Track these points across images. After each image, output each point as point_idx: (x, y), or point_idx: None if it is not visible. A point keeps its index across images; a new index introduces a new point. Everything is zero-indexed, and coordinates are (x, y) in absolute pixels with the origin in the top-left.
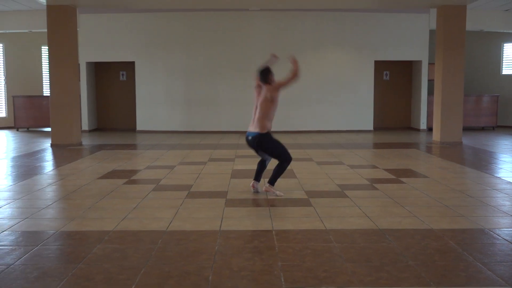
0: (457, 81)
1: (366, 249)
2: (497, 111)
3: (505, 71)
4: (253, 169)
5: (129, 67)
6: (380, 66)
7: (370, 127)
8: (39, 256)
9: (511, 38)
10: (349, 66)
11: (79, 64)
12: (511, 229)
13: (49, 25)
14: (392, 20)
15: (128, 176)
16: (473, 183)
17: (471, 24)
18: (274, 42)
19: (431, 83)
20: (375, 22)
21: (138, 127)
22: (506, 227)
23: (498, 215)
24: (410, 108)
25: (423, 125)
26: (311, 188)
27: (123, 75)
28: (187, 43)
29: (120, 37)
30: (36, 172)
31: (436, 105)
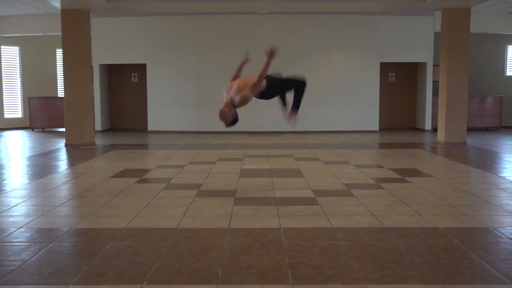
0: (461, 82)
1: (372, 247)
2: (501, 112)
3: (509, 72)
4: (261, 169)
5: (141, 69)
6: (385, 67)
7: (376, 128)
8: (53, 252)
9: None
10: (356, 68)
11: (92, 66)
12: None
13: (64, 28)
14: (397, 23)
15: (139, 175)
16: (477, 182)
17: (476, 26)
18: (282, 45)
19: (435, 84)
20: (381, 25)
21: (150, 128)
22: (510, 225)
23: (502, 214)
24: (415, 109)
25: (428, 126)
26: (318, 187)
27: (135, 77)
28: (197, 45)
29: (132, 40)
30: (50, 171)
31: (441, 106)
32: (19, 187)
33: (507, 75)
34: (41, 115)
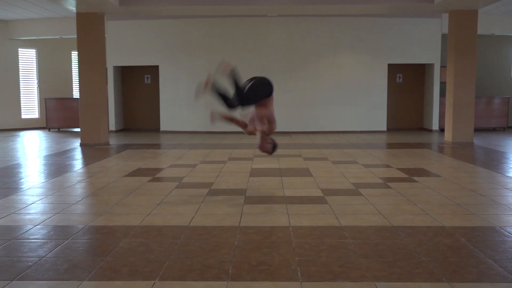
0: (468, 83)
1: (379, 245)
2: (508, 112)
3: None
4: (271, 168)
5: (154, 70)
6: (393, 69)
7: (384, 128)
8: (69, 249)
9: None
10: (364, 69)
11: (106, 68)
12: None
13: (79, 31)
14: (405, 25)
15: (152, 174)
16: (484, 182)
17: (483, 28)
18: (291, 47)
19: (443, 85)
20: (389, 27)
21: (162, 128)
22: None
23: (509, 213)
24: (422, 109)
25: (435, 126)
26: (326, 186)
27: (147, 78)
28: (208, 47)
29: (145, 42)
30: (66, 170)
31: (448, 106)
32: (35, 185)
33: None
34: (57, 115)
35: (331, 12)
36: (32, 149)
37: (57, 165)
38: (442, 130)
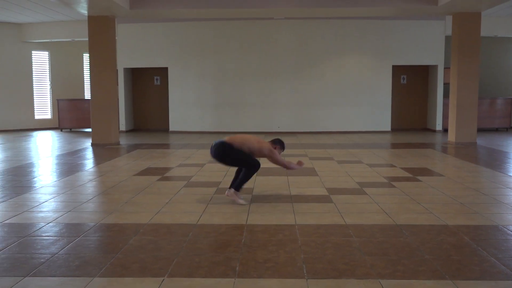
0: (471, 84)
1: (384, 243)
2: (510, 113)
3: None
4: (277, 167)
5: (163, 72)
6: (397, 70)
7: (388, 128)
8: (80, 246)
9: None
10: (369, 70)
11: (117, 70)
12: None
13: (90, 34)
14: (409, 27)
15: (161, 173)
16: (487, 181)
17: (486, 30)
18: (298, 49)
19: (446, 86)
20: (394, 29)
21: (171, 128)
22: None
23: (511, 212)
24: (426, 110)
25: (438, 126)
26: (332, 185)
27: (157, 79)
28: (216, 49)
29: (154, 44)
30: (78, 169)
31: (452, 107)
32: (48, 184)
33: None
34: (69, 116)
35: (336, 14)
36: (44, 149)
37: (69, 165)
38: (445, 130)
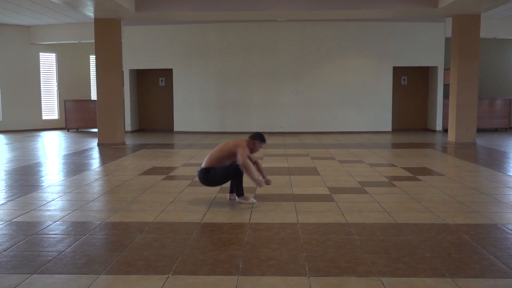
0: (471, 85)
1: (384, 241)
2: (509, 113)
3: None
4: (279, 167)
5: (168, 73)
6: (398, 71)
7: (389, 128)
8: (86, 244)
9: None
10: (370, 72)
11: (123, 71)
12: None
13: (97, 36)
14: (410, 29)
15: (166, 172)
16: (486, 181)
17: (485, 31)
18: (300, 50)
19: (446, 87)
20: (394, 31)
21: (176, 128)
22: None
23: (510, 211)
24: (426, 110)
25: (439, 127)
26: (333, 184)
27: (162, 81)
28: (220, 51)
29: (159, 46)
30: (84, 168)
31: (452, 107)
32: (55, 183)
33: None
34: (75, 116)
35: (338, 17)
36: (51, 149)
37: (75, 164)
38: (445, 130)
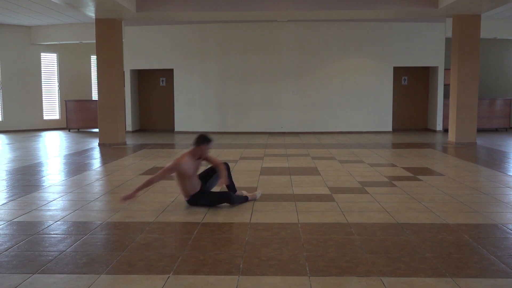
0: (471, 86)
1: (385, 241)
2: (510, 113)
3: None
4: (280, 167)
5: (168, 74)
6: (399, 71)
7: (389, 128)
8: (87, 244)
9: None
10: (370, 72)
11: (124, 71)
12: None
13: (98, 36)
14: (410, 29)
15: None
16: (486, 181)
17: (486, 32)
18: (301, 51)
19: (446, 87)
20: (395, 31)
21: (176, 128)
22: None
23: (510, 211)
24: (426, 110)
25: (439, 127)
26: (334, 184)
27: (163, 81)
28: (221, 52)
29: (160, 47)
30: (85, 168)
31: (452, 108)
32: (56, 183)
33: None
34: (76, 116)
35: (338, 17)
36: (53, 149)
37: (76, 164)
38: (446, 130)
